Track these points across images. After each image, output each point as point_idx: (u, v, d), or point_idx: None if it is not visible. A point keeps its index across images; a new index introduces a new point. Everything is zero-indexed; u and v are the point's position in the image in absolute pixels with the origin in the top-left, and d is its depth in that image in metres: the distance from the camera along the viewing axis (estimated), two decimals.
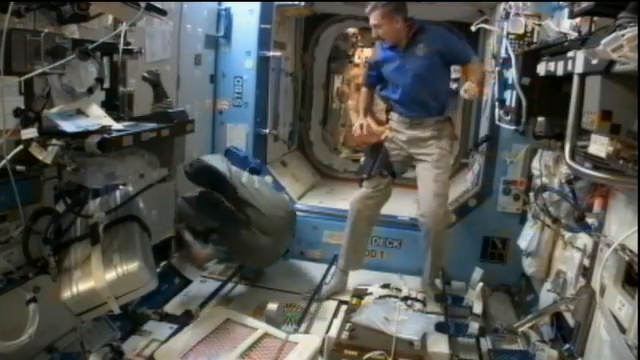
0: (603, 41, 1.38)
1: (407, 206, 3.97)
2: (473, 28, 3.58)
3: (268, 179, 3.71)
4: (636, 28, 1.35)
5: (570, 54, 1.94)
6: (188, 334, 2.64)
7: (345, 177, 5.21)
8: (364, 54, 6.55)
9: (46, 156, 1.79)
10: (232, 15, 4.00)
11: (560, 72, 2.07)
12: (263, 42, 4.01)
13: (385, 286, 3.43)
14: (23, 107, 1.82)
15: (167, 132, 2.23)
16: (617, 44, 1.35)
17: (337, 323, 2.95)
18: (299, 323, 3.01)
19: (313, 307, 3.27)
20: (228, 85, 4.10)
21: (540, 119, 2.54)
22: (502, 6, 3.40)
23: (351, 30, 5.98)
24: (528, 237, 3.09)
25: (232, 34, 4.03)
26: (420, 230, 3.36)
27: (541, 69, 2.42)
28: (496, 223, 3.72)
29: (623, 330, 1.65)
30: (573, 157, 1.77)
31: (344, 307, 3.21)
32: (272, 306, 3.00)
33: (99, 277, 2.09)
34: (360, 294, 3.32)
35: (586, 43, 1.82)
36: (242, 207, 3.29)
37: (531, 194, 3.06)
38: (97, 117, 2.07)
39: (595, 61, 1.63)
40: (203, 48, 3.84)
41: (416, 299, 3.26)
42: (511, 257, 3.65)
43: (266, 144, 4.22)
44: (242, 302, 3.28)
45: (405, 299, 3.23)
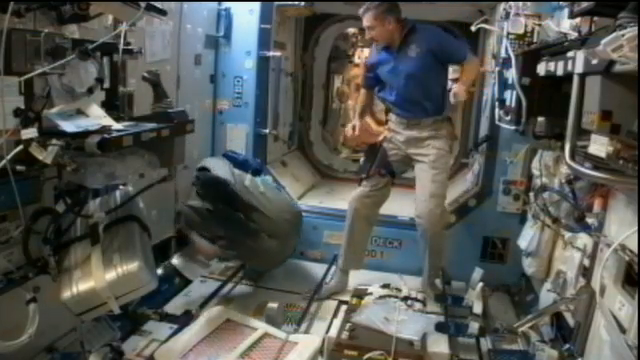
0: (603, 41, 1.38)
1: (407, 206, 3.96)
2: (473, 28, 3.58)
3: (268, 179, 3.71)
4: (636, 28, 1.35)
5: (570, 54, 1.94)
6: (188, 334, 2.64)
7: (345, 177, 5.22)
8: (364, 54, 6.55)
9: (46, 156, 1.79)
10: (232, 15, 4.00)
11: (560, 72, 2.07)
12: (263, 42, 4.01)
13: (385, 286, 3.43)
14: (23, 107, 1.81)
15: (167, 132, 2.23)
16: (617, 44, 1.35)
17: (337, 323, 2.95)
18: (299, 323, 3.01)
19: (313, 307, 3.27)
20: (228, 85, 4.10)
21: (540, 119, 2.54)
22: (502, 6, 3.39)
23: (351, 30, 5.98)
24: (528, 237, 3.09)
25: (232, 34, 4.03)
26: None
27: (541, 69, 2.42)
28: (496, 223, 3.72)
29: (623, 330, 1.65)
30: (573, 157, 1.77)
31: (344, 307, 3.21)
32: (272, 306, 3.00)
33: (99, 277, 2.09)
34: (360, 294, 3.32)
35: (586, 43, 1.82)
36: (249, 212, 3.30)
37: (531, 194, 3.06)
38: (97, 117, 2.07)
39: (595, 61, 1.62)
40: (203, 48, 3.83)
41: (416, 299, 3.26)
42: (511, 257, 3.65)
43: (266, 144, 4.22)
44: (242, 302, 3.28)
45: (405, 299, 3.23)
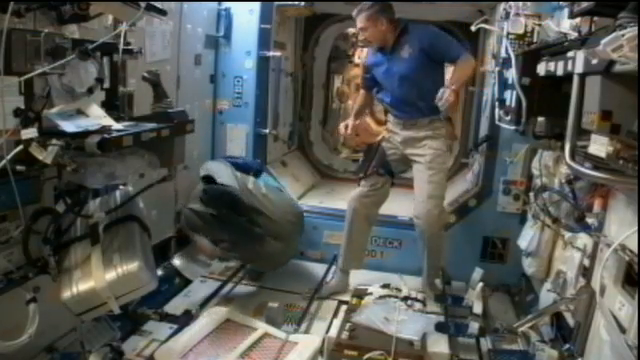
0: (603, 41, 1.38)
1: (407, 206, 3.96)
2: (473, 28, 3.57)
3: (270, 179, 3.72)
4: (636, 28, 1.35)
5: (570, 54, 1.94)
6: (188, 334, 2.64)
7: (345, 177, 5.22)
8: (364, 54, 6.55)
9: (46, 156, 1.79)
10: (232, 15, 4.00)
11: (560, 72, 2.07)
12: (263, 42, 4.01)
13: (385, 286, 3.43)
14: (23, 107, 1.82)
15: (167, 132, 2.23)
16: (617, 44, 1.35)
17: (337, 323, 2.95)
18: (299, 323, 3.01)
19: (313, 307, 3.27)
20: (228, 85, 4.10)
21: (540, 119, 2.54)
22: (502, 6, 3.39)
23: (351, 30, 5.96)
24: (528, 237, 3.09)
25: (232, 34, 4.03)
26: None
27: (541, 69, 2.42)
28: (496, 223, 3.72)
29: (623, 330, 1.65)
30: (573, 157, 1.77)
31: (344, 307, 3.21)
32: (272, 306, 3.01)
33: (99, 277, 2.09)
34: (360, 294, 3.32)
35: (586, 43, 1.82)
36: (253, 217, 3.30)
37: (531, 194, 3.06)
38: (97, 117, 2.07)
39: (595, 61, 1.62)
40: (203, 48, 3.83)
41: (416, 299, 3.26)
42: (511, 257, 3.65)
43: (266, 144, 4.22)
44: (242, 302, 3.28)
45: (405, 299, 3.23)
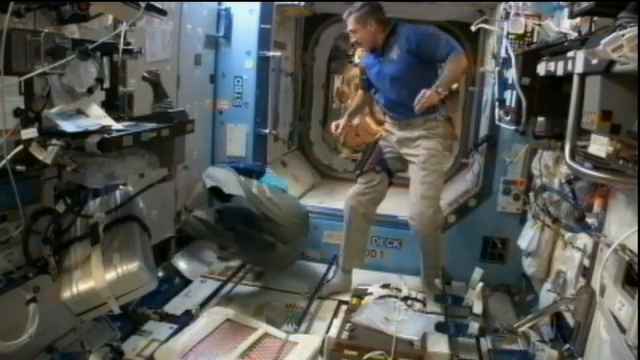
0: (603, 41, 1.38)
1: (407, 206, 3.96)
2: (473, 28, 3.58)
3: (272, 180, 3.73)
4: (636, 28, 1.35)
5: (570, 54, 1.94)
6: (188, 334, 2.64)
7: (345, 177, 5.21)
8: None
9: (46, 156, 1.79)
10: (232, 15, 4.00)
11: (560, 72, 2.07)
12: (263, 42, 4.01)
13: (385, 286, 3.43)
14: (23, 107, 1.81)
15: (167, 132, 2.22)
16: (617, 44, 1.35)
17: (337, 323, 2.95)
18: (299, 323, 3.01)
19: (313, 307, 3.27)
20: (228, 85, 4.10)
21: (540, 119, 2.54)
22: (502, 6, 3.39)
23: None
24: (528, 237, 3.09)
25: (232, 34, 4.03)
26: None
27: (541, 69, 2.42)
28: (496, 223, 3.72)
29: (623, 330, 1.65)
30: (573, 157, 1.77)
31: (344, 307, 3.21)
32: (272, 306, 3.01)
33: (99, 277, 2.09)
34: (360, 294, 3.32)
35: (586, 43, 1.82)
36: (262, 224, 3.30)
37: (531, 194, 3.06)
38: (97, 117, 2.07)
39: (595, 61, 1.63)
40: (203, 48, 3.83)
41: (416, 299, 3.26)
42: (511, 257, 3.65)
43: (266, 144, 4.21)
44: (242, 302, 3.28)
45: (405, 299, 3.23)
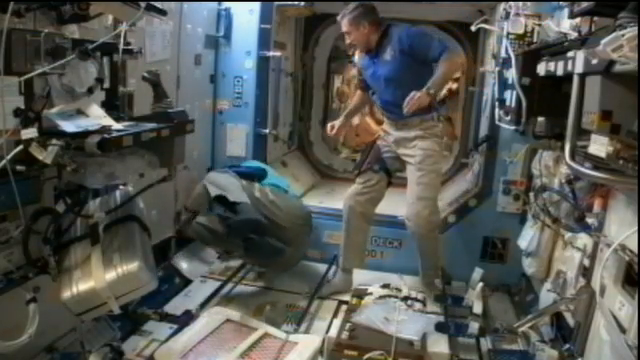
0: (603, 41, 1.38)
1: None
2: (473, 28, 3.58)
3: (273, 180, 3.73)
4: (636, 28, 1.35)
5: (570, 54, 1.94)
6: (188, 334, 2.64)
7: (345, 177, 5.20)
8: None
9: (46, 156, 1.79)
10: (232, 15, 4.00)
11: (560, 72, 2.07)
12: (263, 42, 4.01)
13: (385, 286, 3.43)
14: (23, 107, 1.82)
15: (167, 132, 2.23)
16: (617, 44, 1.35)
17: (337, 323, 2.95)
18: (299, 323, 3.01)
19: (313, 307, 3.27)
20: (228, 85, 4.10)
21: (540, 119, 2.54)
22: (502, 6, 3.39)
23: None
24: (528, 237, 3.09)
25: (232, 34, 4.03)
26: None
27: (541, 69, 2.42)
28: (496, 223, 3.72)
29: (623, 330, 1.65)
30: (573, 157, 1.77)
31: (344, 307, 3.22)
32: (272, 307, 3.01)
33: (99, 277, 2.09)
34: (360, 294, 3.32)
35: (586, 43, 1.82)
36: (264, 227, 3.30)
37: (531, 194, 3.06)
38: (97, 117, 2.07)
39: (595, 61, 1.63)
40: (203, 48, 3.83)
41: (416, 299, 3.26)
42: (511, 257, 3.65)
43: (266, 144, 4.22)
44: (242, 302, 3.28)
45: (405, 299, 3.23)
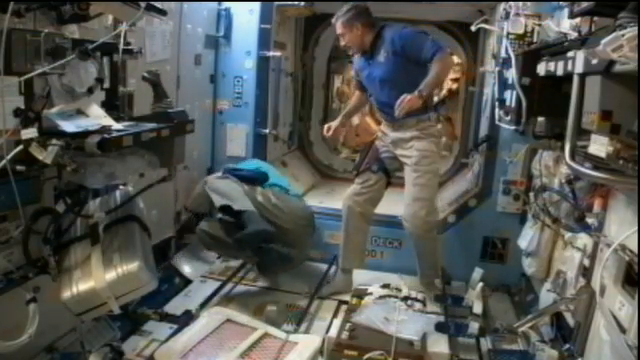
0: (603, 41, 1.38)
1: None
2: (473, 28, 3.58)
3: (275, 182, 3.74)
4: (636, 28, 1.35)
5: (570, 54, 1.94)
6: (188, 334, 2.64)
7: (345, 177, 5.20)
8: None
9: (46, 156, 1.79)
10: (232, 15, 4.00)
11: (560, 72, 2.07)
12: (263, 42, 4.01)
13: (385, 286, 3.43)
14: (23, 107, 1.81)
15: (167, 132, 2.23)
16: (617, 44, 1.35)
17: (337, 323, 2.95)
18: (299, 323, 3.01)
19: (313, 307, 3.27)
20: (228, 85, 4.10)
21: (540, 119, 2.54)
22: (502, 6, 3.39)
23: None
24: (528, 237, 3.09)
25: (232, 34, 4.03)
26: None
27: (541, 69, 2.42)
28: (496, 223, 3.72)
29: (623, 330, 1.65)
30: (573, 157, 1.77)
31: (344, 307, 3.22)
32: (272, 307, 3.01)
33: (99, 277, 2.09)
34: (360, 294, 3.32)
35: (586, 43, 1.82)
36: (271, 235, 3.30)
37: (531, 194, 3.06)
38: (97, 117, 2.08)
39: (595, 61, 1.63)
40: (203, 48, 3.84)
41: (416, 299, 3.26)
42: (511, 257, 3.65)
43: (266, 144, 4.22)
44: (242, 302, 3.28)
45: (405, 299, 3.23)
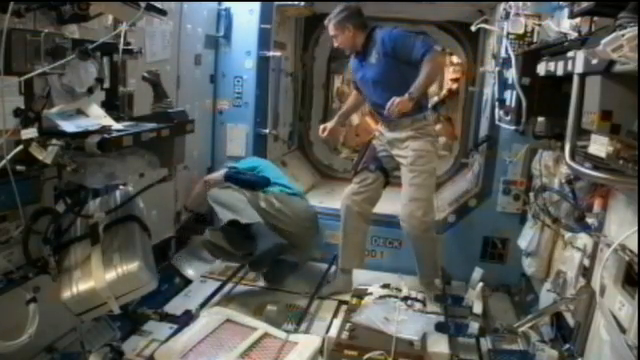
0: (603, 41, 1.38)
1: None
2: (473, 28, 3.58)
3: (277, 187, 3.75)
4: (636, 28, 1.35)
5: (570, 54, 1.94)
6: (188, 334, 2.64)
7: (345, 177, 5.19)
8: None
9: (46, 156, 1.79)
10: (232, 15, 4.00)
11: (560, 72, 2.07)
12: (263, 42, 4.01)
13: (385, 286, 3.43)
14: (23, 107, 1.81)
15: (167, 132, 2.22)
16: (617, 44, 1.35)
17: (337, 323, 2.95)
18: (299, 323, 3.01)
19: (313, 307, 3.27)
20: (228, 85, 4.10)
21: (540, 119, 2.55)
22: (502, 6, 3.39)
23: None
24: (528, 237, 3.09)
25: (232, 34, 4.03)
26: None
27: (541, 69, 2.42)
28: (496, 223, 3.72)
29: (623, 330, 1.65)
30: (573, 157, 1.77)
31: (344, 307, 3.22)
32: (272, 307, 3.01)
33: (99, 277, 2.09)
34: (360, 294, 3.32)
35: (586, 43, 1.82)
36: (281, 248, 3.31)
37: (531, 194, 3.06)
38: (97, 117, 2.07)
39: (595, 61, 1.63)
40: (203, 48, 3.83)
41: (416, 299, 3.26)
42: (511, 257, 3.65)
43: (266, 144, 4.22)
44: (242, 302, 3.28)
45: (405, 299, 3.23)
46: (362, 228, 3.53)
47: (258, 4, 3.97)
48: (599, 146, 1.55)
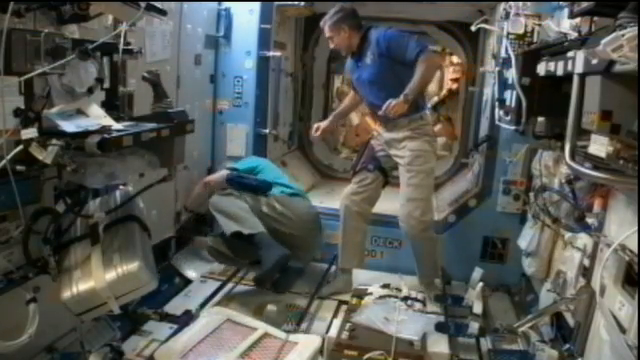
0: (603, 41, 1.38)
1: None
2: (473, 28, 3.58)
3: (278, 190, 3.76)
4: (636, 28, 1.35)
5: (570, 54, 1.94)
6: (188, 334, 2.64)
7: (345, 177, 5.18)
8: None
9: (46, 156, 1.78)
10: (232, 15, 4.00)
11: (560, 72, 2.07)
12: (263, 42, 4.01)
13: (385, 286, 3.43)
14: (23, 107, 1.81)
15: (167, 132, 2.22)
16: (617, 44, 1.35)
17: (337, 323, 2.95)
18: (299, 323, 3.01)
19: (313, 307, 3.27)
20: (228, 85, 4.10)
21: (540, 119, 2.54)
22: (502, 6, 3.39)
23: None
24: (528, 237, 3.09)
25: (232, 34, 4.03)
26: None
27: (541, 69, 2.42)
28: (496, 223, 3.72)
29: (623, 330, 1.65)
30: (573, 157, 1.77)
31: (344, 307, 3.22)
32: (272, 307, 3.01)
33: (99, 277, 2.09)
34: (360, 294, 3.32)
35: (586, 43, 1.82)
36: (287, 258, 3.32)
37: (531, 194, 3.06)
38: (97, 117, 2.07)
39: (595, 61, 1.63)
40: (203, 48, 3.83)
41: (416, 299, 3.26)
42: (511, 257, 3.65)
43: (266, 144, 4.22)
44: (242, 302, 3.28)
45: (405, 299, 3.24)
46: (361, 228, 3.53)
47: (258, 4, 3.97)
48: (599, 146, 1.55)
